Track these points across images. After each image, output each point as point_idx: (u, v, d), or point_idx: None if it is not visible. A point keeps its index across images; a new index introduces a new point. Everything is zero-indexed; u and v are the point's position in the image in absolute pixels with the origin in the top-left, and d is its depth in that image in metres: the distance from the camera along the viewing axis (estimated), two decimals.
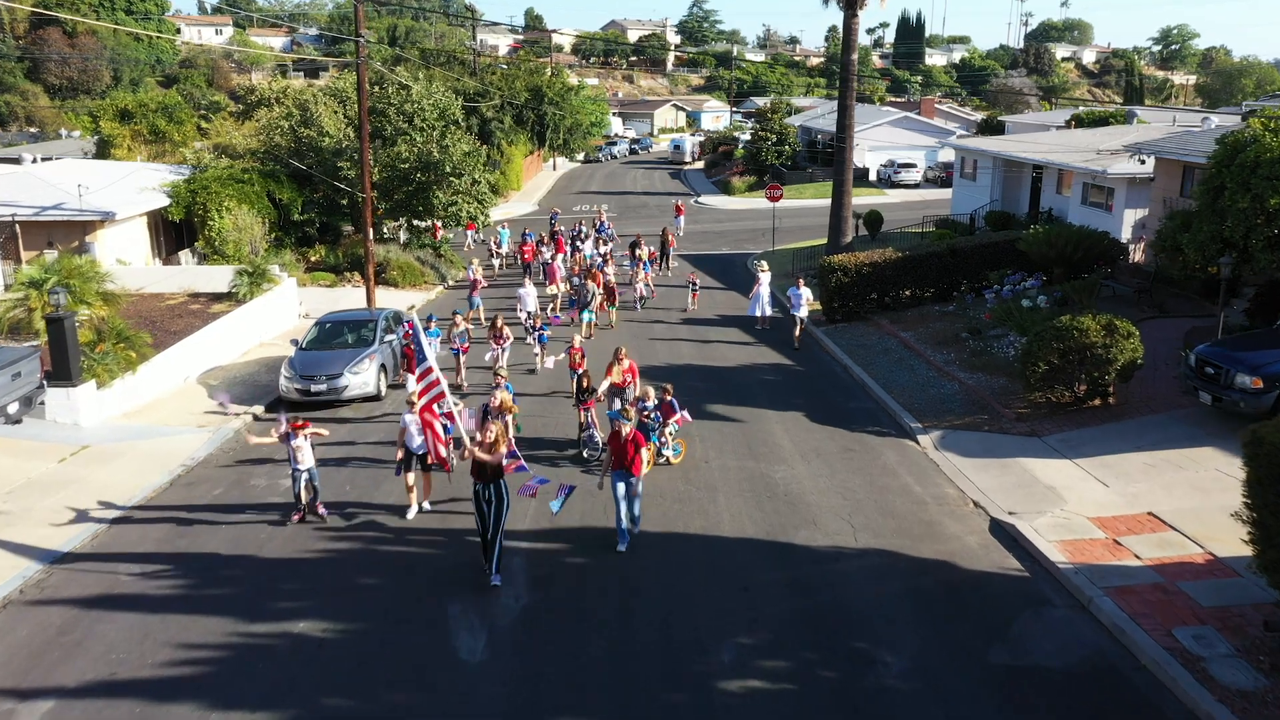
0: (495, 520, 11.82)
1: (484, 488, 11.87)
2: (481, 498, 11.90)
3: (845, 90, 32.95)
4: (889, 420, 18.66)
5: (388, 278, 34.14)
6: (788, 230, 44.06)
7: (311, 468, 13.85)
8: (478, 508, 11.96)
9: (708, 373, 22.13)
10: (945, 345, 22.87)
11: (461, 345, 20.78)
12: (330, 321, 21.29)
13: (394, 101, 36.99)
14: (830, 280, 26.56)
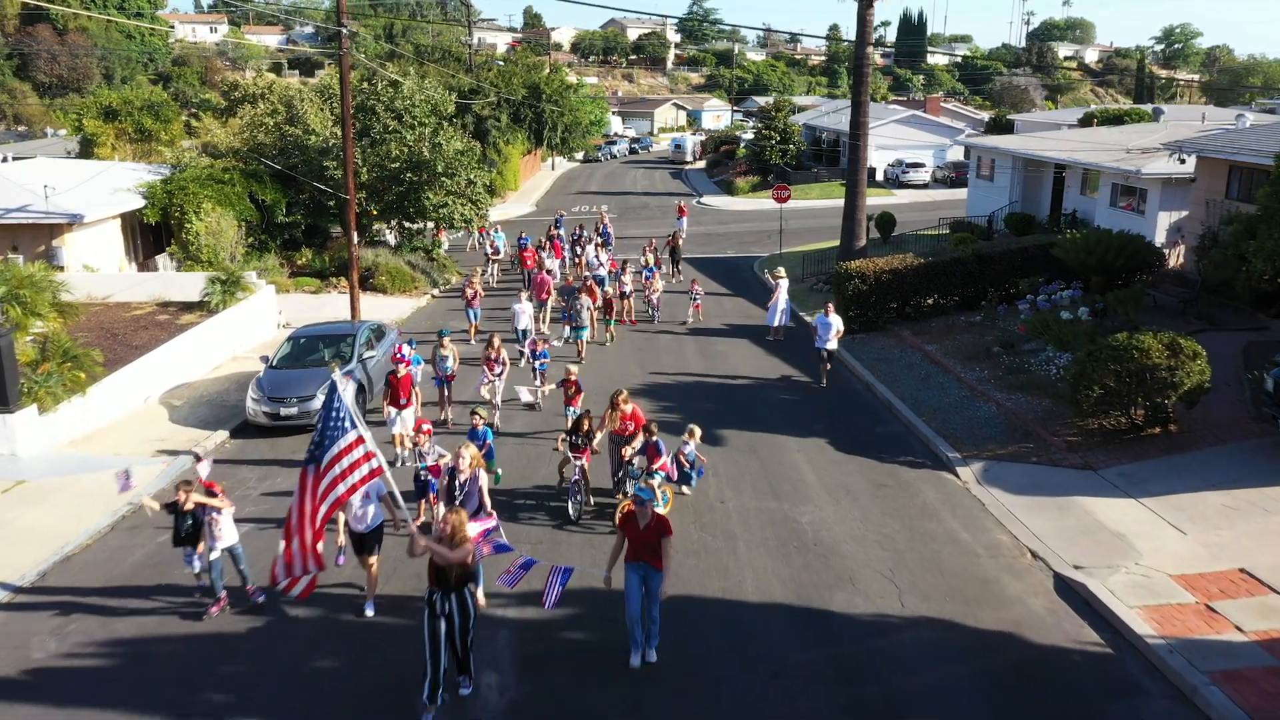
0: (461, 636, 8.93)
1: (442, 598, 8.77)
2: (437, 610, 8.75)
3: (859, 85, 30.92)
4: (922, 448, 16.66)
5: (376, 283, 32.13)
6: (794, 232, 42.07)
7: (233, 545, 10.94)
8: (429, 622, 8.72)
9: (717, 391, 20.12)
10: (976, 360, 20.85)
11: (445, 373, 17.64)
12: (304, 336, 19.26)
13: (383, 98, 34.96)
14: (847, 288, 24.55)
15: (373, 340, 19.48)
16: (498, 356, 17.41)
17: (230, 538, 10.92)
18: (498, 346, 17.46)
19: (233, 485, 14.99)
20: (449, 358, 17.62)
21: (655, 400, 19.15)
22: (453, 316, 28.09)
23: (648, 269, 28.26)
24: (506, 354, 17.79)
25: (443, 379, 17.71)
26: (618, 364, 22.25)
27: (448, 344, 17.70)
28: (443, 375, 17.63)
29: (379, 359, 19.24)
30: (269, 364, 18.38)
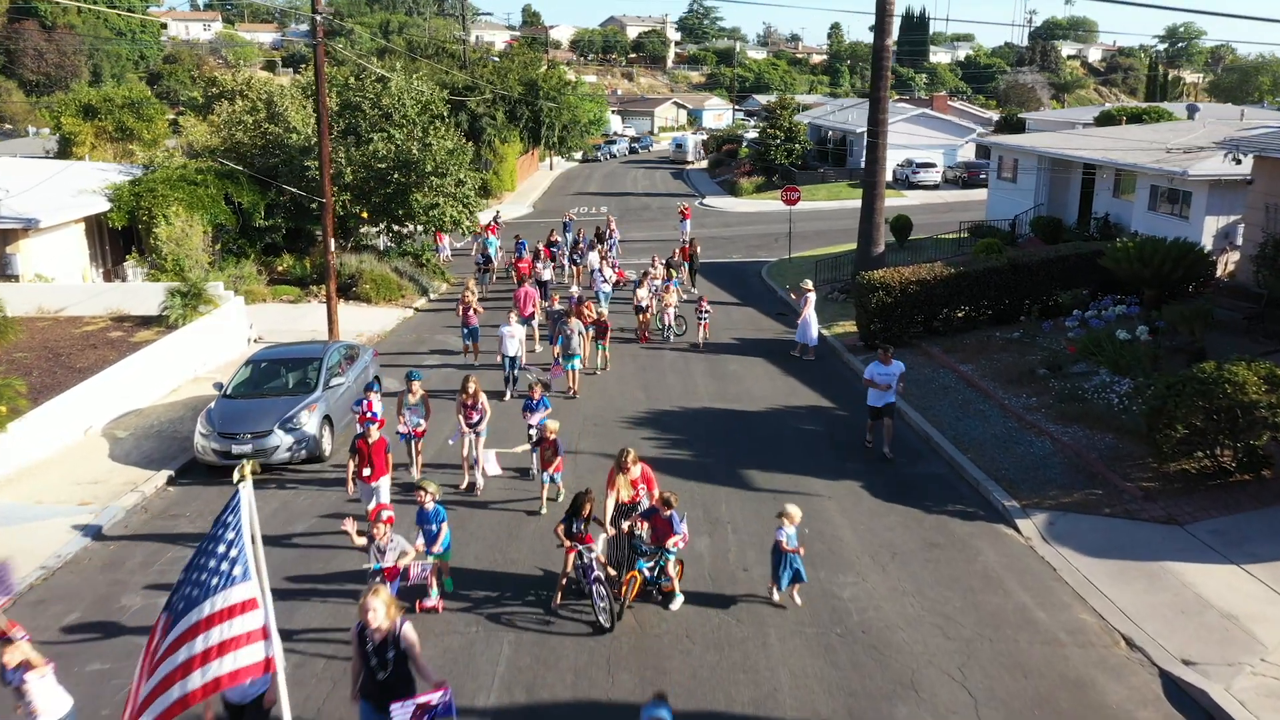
0: None
1: None
2: None
3: (878, 79, 28.57)
4: (971, 493, 14.31)
5: (359, 292, 29.77)
6: (802, 235, 39.76)
7: (66, 716, 7.74)
8: None
9: (731, 421, 17.76)
10: (1019, 384, 18.51)
11: (414, 428, 14.27)
12: (265, 360, 16.86)
13: (370, 94, 32.58)
14: (870, 300, 22.20)
15: (343, 364, 17.09)
16: (474, 402, 14.02)
17: (59, 708, 7.68)
18: (474, 391, 14.05)
19: (143, 562, 12.67)
20: (420, 407, 14.32)
21: (661, 434, 16.80)
22: (442, 331, 25.76)
23: (667, 281, 25.73)
24: (486, 399, 14.28)
25: (409, 434, 14.32)
26: (618, 387, 19.89)
27: (418, 389, 14.30)
28: (410, 430, 14.27)
29: (349, 386, 16.87)
30: (222, 392, 16.00)
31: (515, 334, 18.59)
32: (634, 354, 22.69)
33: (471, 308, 21.35)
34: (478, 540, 12.55)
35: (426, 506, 10.37)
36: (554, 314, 21.75)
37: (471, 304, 21.42)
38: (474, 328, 21.36)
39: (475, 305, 21.49)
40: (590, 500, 10.56)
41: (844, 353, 22.95)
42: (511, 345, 18.55)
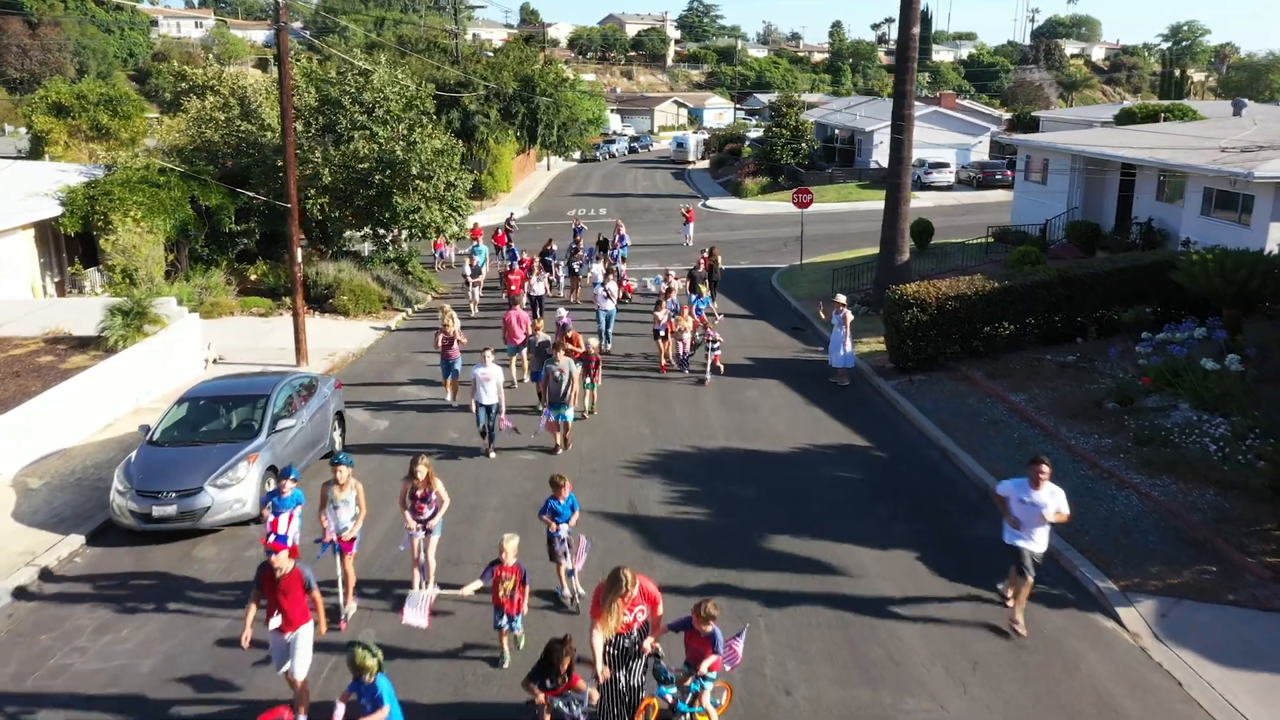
0: None
1: None
2: None
3: (903, 72, 25.87)
4: (1051, 565, 11.57)
5: (336, 304, 27.04)
6: (812, 239, 37.01)
7: None
8: None
9: (753, 464, 15.06)
10: (1085, 420, 15.82)
11: (340, 534, 10.18)
12: (202, 397, 14.11)
13: (350, 89, 29.84)
14: (903, 318, 19.52)
15: (296, 401, 14.35)
16: (426, 492, 10.31)
17: None
18: (425, 478, 10.23)
19: (15, 673, 9.97)
20: (350, 504, 10.23)
21: (670, 485, 14.09)
22: (425, 349, 23.03)
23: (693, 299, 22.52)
24: (443, 487, 10.51)
25: (332, 543, 10.23)
26: (620, 421, 17.17)
27: (346, 478, 10.18)
28: (336, 537, 10.19)
29: (303, 428, 14.15)
30: (148, 437, 13.29)
31: (492, 376, 14.89)
32: (632, 382, 19.98)
33: (453, 339, 17.79)
34: None
35: (366, 680, 7.19)
36: (536, 346, 17.69)
37: (453, 334, 17.81)
38: (453, 362, 17.76)
39: (457, 334, 17.93)
40: (569, 652, 7.79)
41: (873, 376, 20.26)
42: (488, 391, 14.94)
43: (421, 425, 17.05)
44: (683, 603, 10.24)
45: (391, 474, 14.11)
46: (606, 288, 22.28)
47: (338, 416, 15.61)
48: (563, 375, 14.95)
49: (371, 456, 15.20)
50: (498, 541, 9.26)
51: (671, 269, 25.06)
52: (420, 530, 10.43)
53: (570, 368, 15.12)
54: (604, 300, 22.07)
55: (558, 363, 15.03)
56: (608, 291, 22.14)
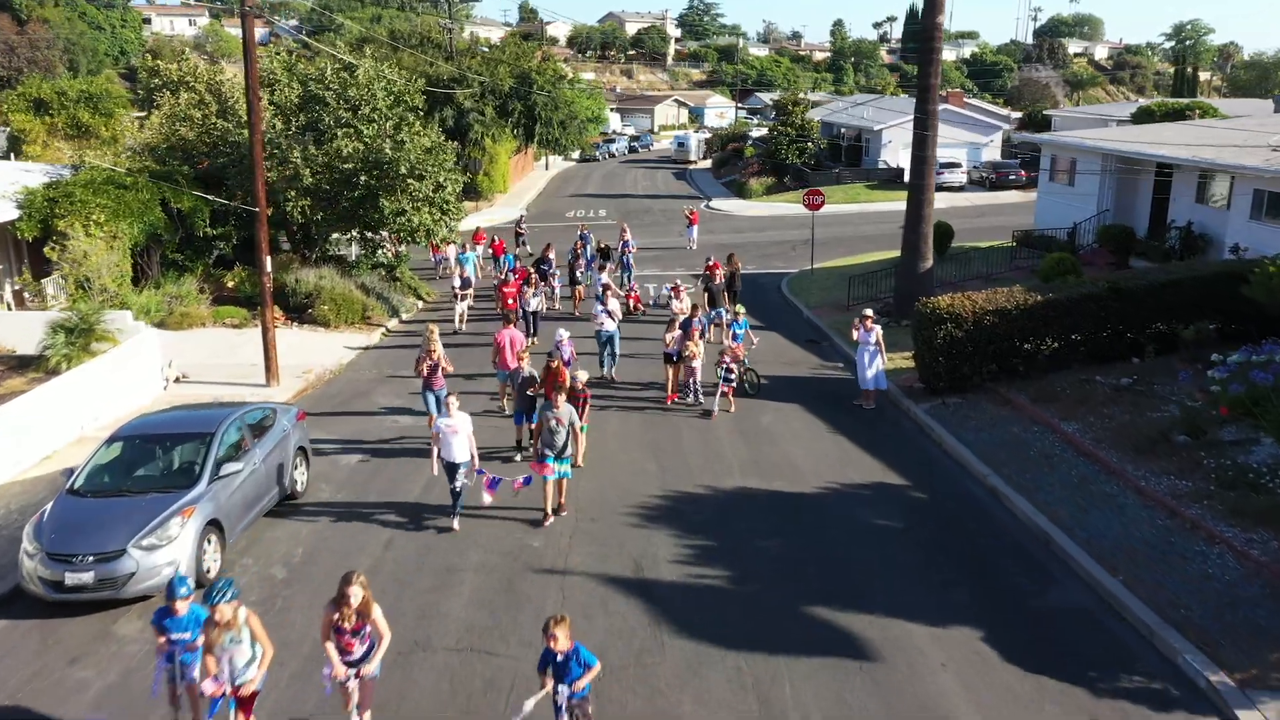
0: None
1: None
2: None
3: (927, 65, 23.81)
4: (1144, 648, 9.55)
5: (316, 314, 25.00)
6: (821, 242, 34.98)
7: None
8: None
9: (775, 509, 13.01)
10: (1152, 456, 13.78)
11: (232, 684, 7.49)
12: (137, 436, 12.02)
13: (334, 85, 27.78)
14: (936, 334, 17.47)
15: (247, 439, 12.29)
16: (359, 622, 7.57)
17: None
18: (357, 605, 7.50)
19: None
20: (242, 643, 7.48)
21: (681, 539, 12.02)
22: (406, 365, 20.98)
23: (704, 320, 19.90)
24: (381, 617, 7.69)
25: (226, 698, 7.57)
26: (623, 453, 15.10)
27: (229, 616, 7.38)
28: (225, 687, 7.47)
29: (255, 471, 12.09)
30: (68, 484, 11.23)
31: (459, 428, 12.12)
32: (644, 410, 17.91)
33: (438, 365, 15.41)
34: None
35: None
36: (519, 381, 15.05)
37: (437, 359, 15.39)
38: (439, 392, 15.23)
39: (442, 360, 15.48)
40: None
41: (901, 398, 18.21)
42: (455, 447, 12.07)
43: (394, 468, 14.77)
44: (705, 695, 8.25)
45: (345, 544, 12.04)
46: (608, 307, 19.49)
47: (300, 453, 13.56)
48: (559, 427, 12.22)
49: (321, 517, 12.97)
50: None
51: (681, 280, 22.78)
52: (351, 674, 7.65)
53: (570, 415, 12.44)
54: (603, 318, 19.32)
55: (555, 409, 12.27)
56: (609, 311, 19.42)
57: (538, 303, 22.91)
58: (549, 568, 11.12)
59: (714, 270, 25.10)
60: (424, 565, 11.28)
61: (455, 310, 24.80)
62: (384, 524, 12.51)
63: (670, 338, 17.81)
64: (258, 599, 10.45)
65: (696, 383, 17.70)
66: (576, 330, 23.74)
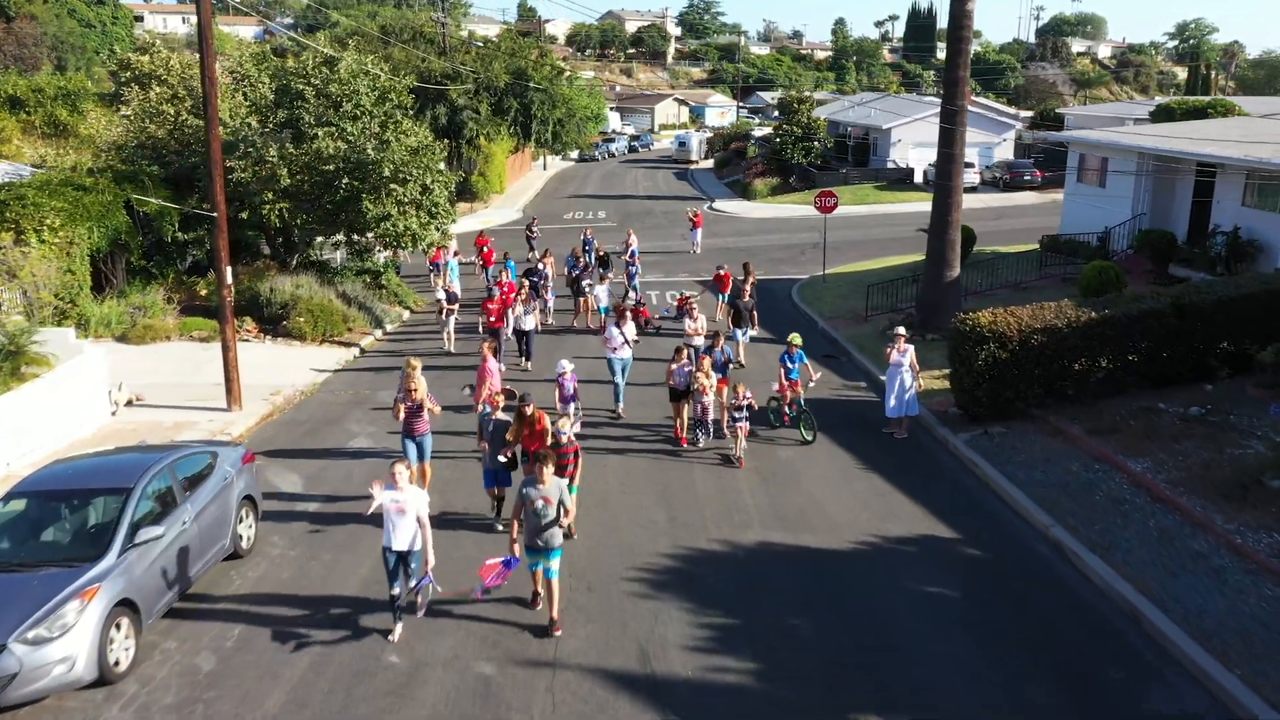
0: None
1: None
2: None
3: (955, 55, 21.72)
4: None
5: (292, 326, 22.92)
6: (832, 245, 32.91)
7: None
8: None
9: (804, 572, 10.92)
10: (1246, 504, 11.69)
11: None
12: (40, 492, 9.88)
13: (314, 80, 25.68)
14: (978, 354, 15.40)
15: (175, 493, 10.18)
16: None
17: None
18: None
19: None
20: None
21: (694, 614, 9.92)
22: (387, 384, 18.92)
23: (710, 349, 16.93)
24: None
25: None
26: (623, 499, 12.99)
27: None
28: None
29: (183, 534, 9.99)
30: None
31: (407, 506, 9.17)
32: (651, 449, 15.81)
33: (420, 406, 12.35)
34: None
35: None
36: (490, 429, 11.83)
37: (419, 399, 12.32)
38: (422, 439, 12.51)
39: (425, 400, 12.40)
40: None
41: (937, 426, 16.13)
42: (399, 530, 9.22)
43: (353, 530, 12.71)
44: None
45: (293, 620, 9.95)
46: (623, 330, 16.87)
47: (247, 503, 11.46)
48: (547, 508, 9.19)
49: (268, 583, 10.87)
50: None
51: (690, 293, 20.58)
52: None
53: (560, 491, 9.32)
54: (619, 345, 16.79)
55: (540, 485, 9.21)
56: (624, 336, 16.83)
57: (532, 321, 20.28)
58: (534, 658, 9.03)
59: (724, 279, 23.00)
60: (380, 659, 9.16)
61: (444, 329, 22.12)
62: (341, 594, 10.41)
63: (674, 368, 15.08)
64: (173, 703, 8.37)
65: (709, 420, 15.11)
66: (578, 349, 22.07)
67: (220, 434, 16.10)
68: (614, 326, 17.07)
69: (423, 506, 9.35)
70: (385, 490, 9.25)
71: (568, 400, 14.65)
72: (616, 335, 16.87)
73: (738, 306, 20.25)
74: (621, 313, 17.41)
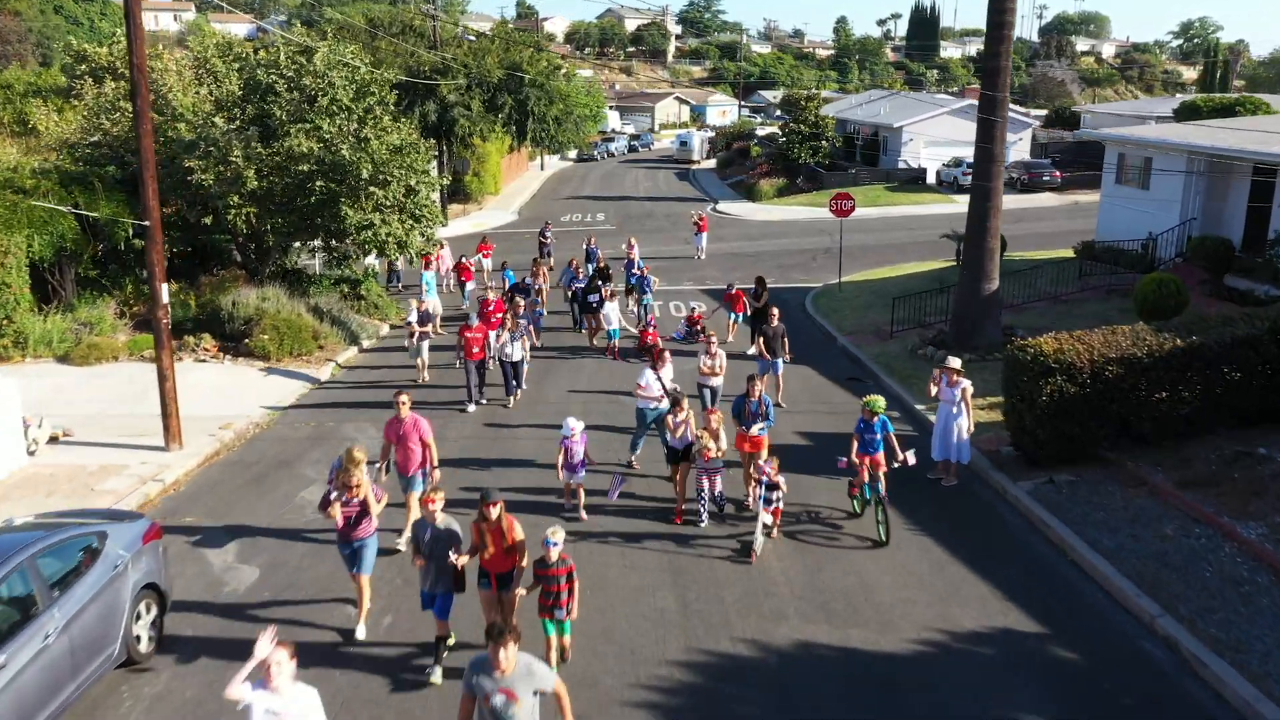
0: None
1: None
2: None
3: (997, 40, 19.21)
4: None
5: (254, 344, 20.43)
6: (845, 250, 30.34)
7: None
8: None
9: (859, 691, 8.44)
10: None
11: None
12: None
13: (285, 72, 23.19)
14: (1041, 390, 12.94)
15: (32, 601, 7.66)
16: None
17: None
18: None
19: None
20: None
21: None
22: (363, 417, 16.45)
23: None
24: None
25: None
26: (631, 585, 10.49)
27: None
28: None
29: (39, 654, 7.48)
30: None
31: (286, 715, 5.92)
32: (657, 500, 13.32)
33: (362, 503, 9.05)
34: None
35: None
36: (426, 542, 8.39)
37: (358, 492, 9.00)
38: (362, 544, 9.16)
39: (370, 496, 9.08)
40: None
41: (989, 470, 13.66)
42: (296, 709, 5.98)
43: (306, 594, 10.38)
44: None
45: None
46: (661, 375, 13.45)
47: (148, 594, 8.98)
48: (511, 706, 5.93)
49: (169, 700, 8.44)
50: None
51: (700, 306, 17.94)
52: None
53: (534, 676, 6.08)
54: (654, 392, 13.31)
55: (497, 671, 5.93)
56: (664, 384, 13.39)
57: (520, 350, 16.99)
58: None
59: (737, 299, 20.49)
60: None
61: (416, 356, 18.75)
62: None
63: (672, 422, 11.74)
64: None
65: (719, 494, 11.67)
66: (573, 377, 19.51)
67: (153, 479, 13.66)
68: (650, 371, 13.54)
69: (312, 714, 6.09)
70: (255, 690, 5.96)
71: (576, 468, 11.75)
72: (654, 383, 13.38)
73: (765, 331, 16.64)
74: (660, 354, 14.06)
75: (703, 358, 15.01)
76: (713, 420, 11.72)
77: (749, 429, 12.17)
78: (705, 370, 14.91)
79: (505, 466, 14.09)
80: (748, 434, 12.19)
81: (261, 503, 12.90)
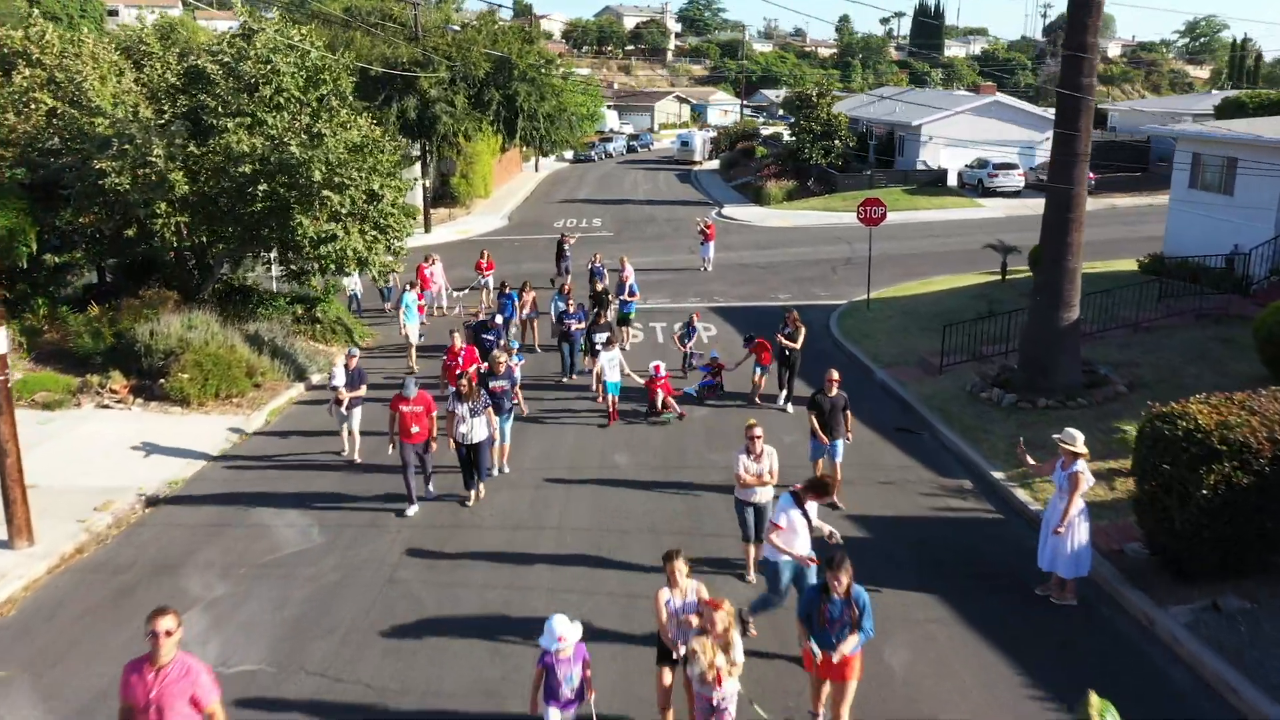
0: None
1: None
2: None
3: (1084, 15, 15.32)
4: None
5: (169, 386, 16.55)
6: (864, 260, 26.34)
7: None
8: None
9: None
10: None
11: None
12: None
13: (222, 57, 19.37)
14: (1199, 478, 9.15)
15: None
16: None
17: None
18: None
19: None
20: None
21: None
22: (288, 483, 12.64)
23: None
24: None
25: None
26: None
27: None
28: None
29: None
30: None
31: None
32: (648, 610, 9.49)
33: None
34: None
35: None
36: None
37: None
38: None
39: None
40: None
41: (1122, 588, 9.84)
42: None
43: None
44: None
45: None
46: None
47: None
48: None
49: None
50: None
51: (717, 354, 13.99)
52: None
53: None
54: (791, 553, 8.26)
55: None
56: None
57: (483, 428, 11.85)
58: None
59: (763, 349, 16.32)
60: None
61: (343, 425, 13.83)
62: None
63: (664, 602, 7.09)
64: None
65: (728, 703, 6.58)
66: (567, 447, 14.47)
67: None
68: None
69: None
70: None
71: (567, 705, 6.74)
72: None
73: (819, 403, 11.86)
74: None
75: (741, 459, 9.70)
76: (719, 618, 6.43)
77: (834, 642, 6.87)
78: (748, 479, 9.65)
79: (455, 635, 9.17)
80: (831, 653, 6.87)
81: (115, 638, 9.09)
